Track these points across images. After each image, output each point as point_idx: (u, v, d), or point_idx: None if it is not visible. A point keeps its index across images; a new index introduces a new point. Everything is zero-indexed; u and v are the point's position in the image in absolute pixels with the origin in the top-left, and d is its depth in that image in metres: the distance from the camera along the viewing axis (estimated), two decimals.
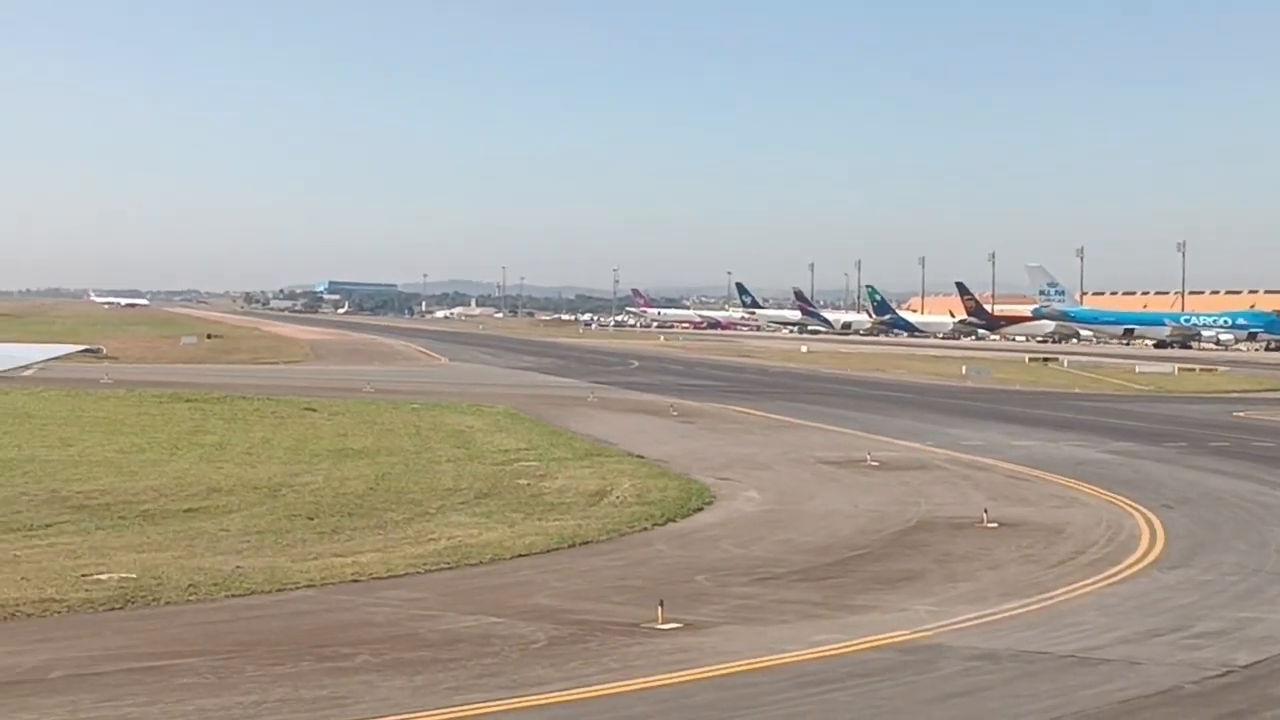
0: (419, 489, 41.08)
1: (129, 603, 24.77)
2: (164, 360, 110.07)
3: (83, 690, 18.52)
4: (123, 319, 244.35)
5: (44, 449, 47.78)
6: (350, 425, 57.59)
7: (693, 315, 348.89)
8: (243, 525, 34.56)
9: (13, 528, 33.95)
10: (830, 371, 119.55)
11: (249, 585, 26.44)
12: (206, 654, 20.73)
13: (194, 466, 44.75)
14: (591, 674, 19.84)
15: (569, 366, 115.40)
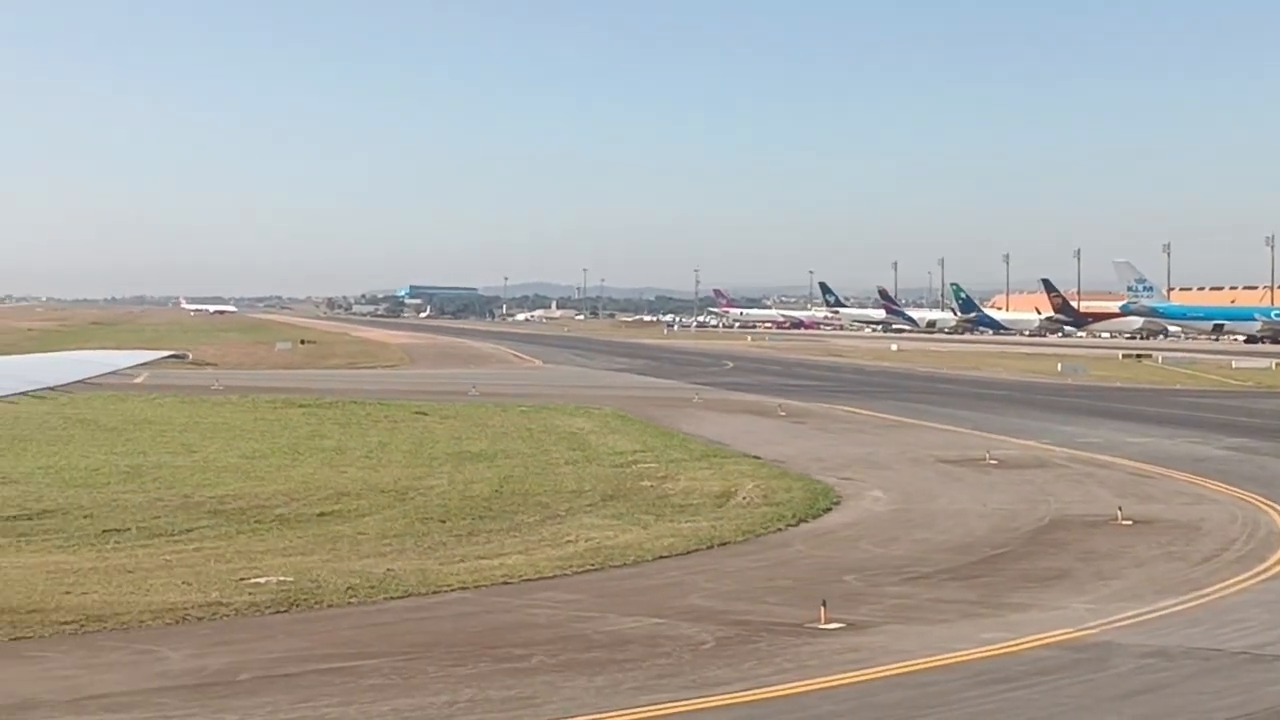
0: (544, 491, 41.32)
1: (293, 606, 25.15)
2: (261, 366, 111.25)
3: (276, 691, 18.84)
4: (212, 325, 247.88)
5: (169, 455, 48.50)
6: (463, 429, 58.02)
7: (775, 315, 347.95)
8: (378, 528, 34.92)
9: (156, 533, 34.55)
10: (926, 370, 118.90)
11: (405, 588, 26.76)
12: (384, 655, 21.03)
13: (318, 471, 45.26)
14: (768, 674, 19.93)
15: (664, 368, 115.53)
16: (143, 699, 18.45)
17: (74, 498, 39.41)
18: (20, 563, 30.12)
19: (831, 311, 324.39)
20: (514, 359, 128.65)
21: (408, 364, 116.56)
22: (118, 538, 33.95)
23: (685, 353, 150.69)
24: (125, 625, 23.38)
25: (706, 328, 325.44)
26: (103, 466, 45.23)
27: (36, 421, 57.05)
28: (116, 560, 30.42)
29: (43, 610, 24.27)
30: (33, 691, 18.85)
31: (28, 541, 33.11)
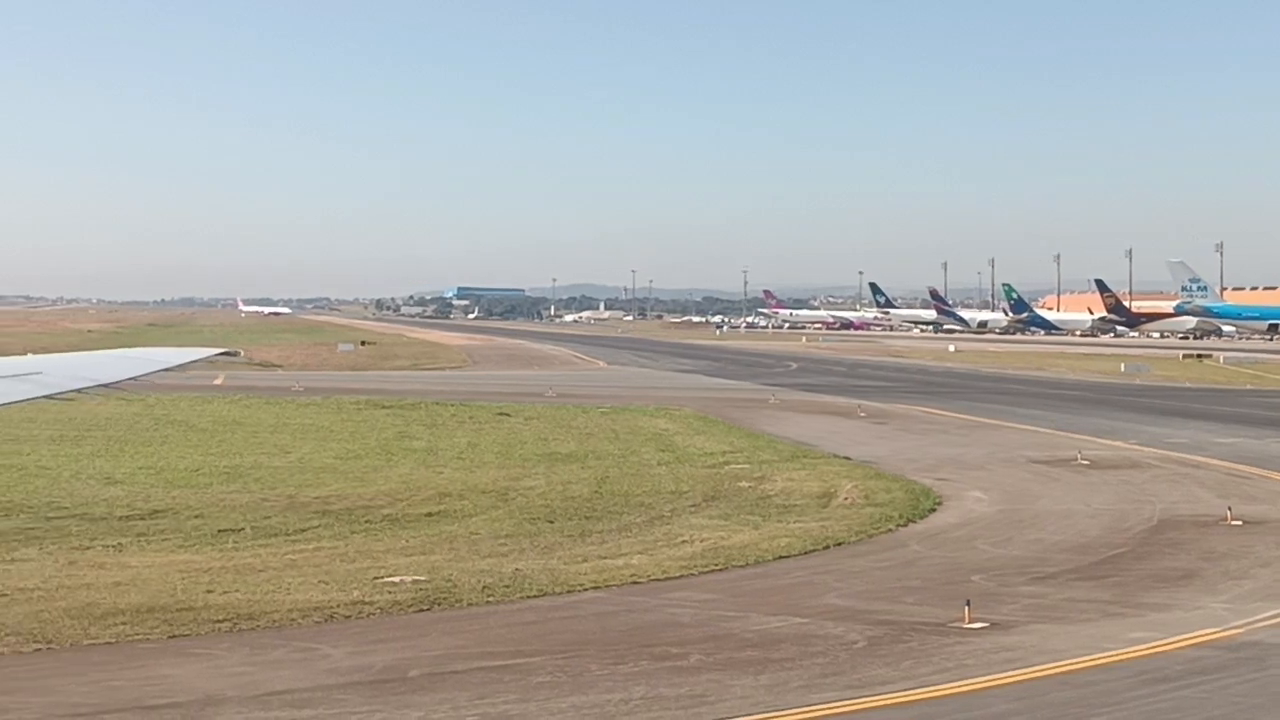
0: (643, 493, 41.55)
1: (435, 604, 25.46)
2: (327, 367, 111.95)
3: (449, 689, 19.13)
4: (268, 327, 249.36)
5: (264, 456, 49.01)
6: (548, 430, 58.34)
7: (825, 316, 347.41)
8: (488, 528, 35.25)
9: (271, 533, 34.99)
10: (991, 370, 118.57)
11: (539, 587, 27.02)
12: (542, 654, 21.30)
13: (415, 472, 45.65)
14: (928, 674, 20.09)
15: (730, 369, 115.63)
16: (323, 695, 18.76)
17: (180, 498, 39.92)
18: (148, 561, 30.60)
19: (882, 312, 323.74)
20: (577, 360, 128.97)
21: (471, 366, 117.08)
22: (234, 538, 34.42)
23: (745, 354, 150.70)
24: (277, 624, 23.72)
25: (756, 329, 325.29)
26: (202, 467, 45.77)
27: (128, 423, 57.85)
28: (241, 560, 30.83)
29: (192, 609, 24.66)
30: (213, 688, 19.20)
31: (148, 541, 33.61)
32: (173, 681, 19.67)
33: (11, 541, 33.18)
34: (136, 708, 18.18)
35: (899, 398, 79.22)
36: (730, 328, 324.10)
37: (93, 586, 27.15)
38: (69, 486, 41.36)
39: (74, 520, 36.29)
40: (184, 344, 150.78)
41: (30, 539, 33.62)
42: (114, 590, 26.69)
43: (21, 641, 22.19)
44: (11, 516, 36.69)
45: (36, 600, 25.60)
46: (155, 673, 20.23)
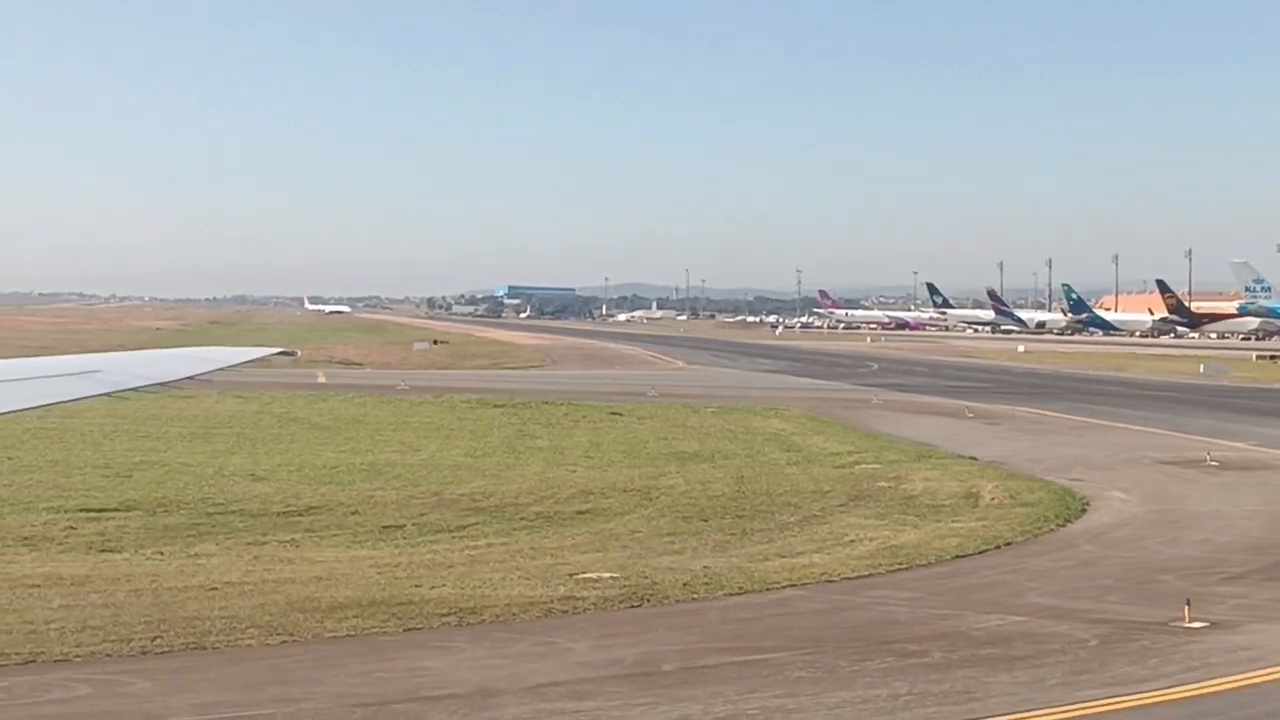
0: (784, 492, 41.82)
1: (644, 600, 25.79)
2: (408, 366, 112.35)
3: (711, 683, 19.47)
4: (331, 325, 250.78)
5: (394, 453, 49.50)
6: (664, 429, 58.68)
7: (880, 316, 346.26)
8: (645, 527, 35.63)
9: (436, 529, 35.49)
10: (1072, 371, 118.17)
11: (738, 584, 27.33)
12: (784, 649, 21.62)
13: (548, 470, 46.03)
14: (1178, 672, 20.32)
15: (812, 369, 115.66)
16: (593, 688, 19.14)
17: (329, 495, 40.43)
18: (331, 557, 31.13)
19: (939, 312, 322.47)
20: (656, 360, 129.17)
21: (551, 365, 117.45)
22: (399, 534, 34.93)
23: (819, 354, 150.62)
24: (500, 618, 24.12)
25: (811, 329, 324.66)
26: (340, 464, 46.30)
27: (251, 420, 58.55)
28: (422, 556, 31.28)
29: (411, 603, 25.10)
30: (480, 679, 19.60)
31: (319, 537, 34.15)
32: (437, 673, 20.08)
33: (184, 537, 33.78)
34: (417, 699, 18.58)
35: (995, 398, 79.13)
36: (785, 328, 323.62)
37: (295, 581, 27.62)
38: (216, 483, 41.92)
39: (234, 516, 36.85)
40: (251, 342, 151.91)
41: (201, 534, 34.21)
42: (319, 585, 27.17)
43: (265, 634, 22.67)
44: (173, 512, 37.25)
45: (250, 594, 26.07)
46: (413, 665, 20.64)
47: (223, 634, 22.60)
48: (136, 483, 41.49)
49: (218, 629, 22.84)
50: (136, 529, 34.74)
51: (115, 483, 41.45)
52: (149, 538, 33.59)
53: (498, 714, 17.84)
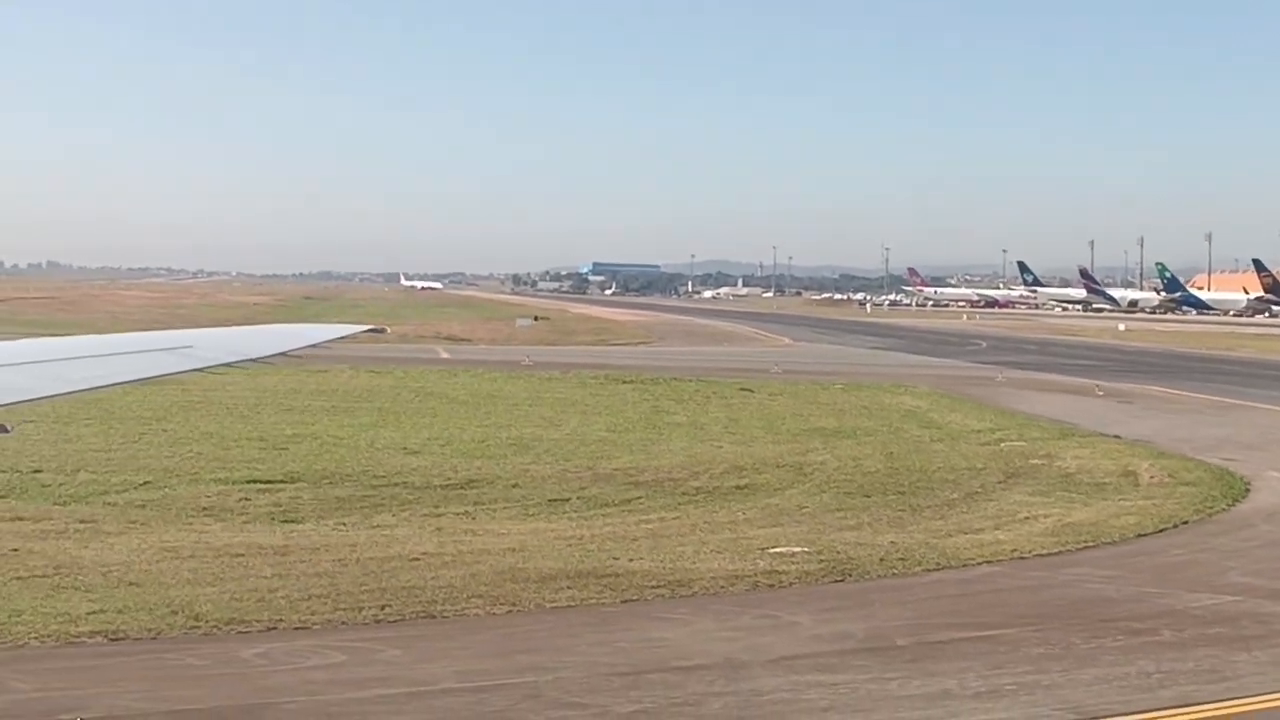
0: (937, 469, 41.76)
1: (846, 575, 25.91)
2: (514, 342, 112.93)
3: (953, 658, 19.56)
4: (424, 302, 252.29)
5: (537, 429, 49.81)
6: (797, 405, 58.71)
7: (970, 293, 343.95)
8: (810, 502, 35.80)
9: (601, 503, 35.81)
10: (1185, 350, 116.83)
11: (934, 560, 27.36)
12: (1011, 626, 21.71)
13: (692, 446, 46.19)
14: None
15: (919, 346, 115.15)
16: (838, 661, 19.29)
17: (485, 468, 40.77)
18: (512, 529, 31.55)
19: (1029, 290, 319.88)
20: (760, 337, 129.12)
21: (658, 341, 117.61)
22: (565, 507, 35.30)
23: (922, 331, 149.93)
24: (709, 591, 24.32)
25: (899, 306, 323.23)
26: (488, 439, 46.66)
27: (389, 395, 59.17)
28: (603, 529, 31.61)
29: (617, 574, 25.35)
30: (722, 651, 19.80)
31: (490, 509, 34.58)
32: (675, 644, 20.30)
33: (359, 508, 34.31)
34: (669, 669, 18.79)
35: (1118, 376, 78.38)
36: (874, 305, 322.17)
37: (490, 552, 27.95)
38: (371, 456, 42.42)
39: (399, 489, 37.30)
40: (350, 317, 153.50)
41: (373, 506, 34.73)
42: (515, 556, 27.49)
43: (488, 603, 23.01)
44: (338, 485, 37.75)
45: (453, 564, 26.42)
46: (646, 635, 20.89)
47: (448, 603, 22.95)
48: (294, 455, 42.05)
49: (441, 598, 23.20)
50: (309, 500, 35.31)
51: (273, 455, 42.01)
52: (325, 509, 34.14)
53: (755, 685, 18.02)
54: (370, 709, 17.04)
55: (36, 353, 13.33)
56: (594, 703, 17.17)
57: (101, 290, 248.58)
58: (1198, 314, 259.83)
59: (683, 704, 17.14)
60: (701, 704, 17.14)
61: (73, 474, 38.13)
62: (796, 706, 17.09)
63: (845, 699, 17.39)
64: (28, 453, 40.90)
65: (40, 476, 37.66)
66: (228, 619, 21.53)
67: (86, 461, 39.90)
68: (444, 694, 17.57)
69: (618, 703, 17.16)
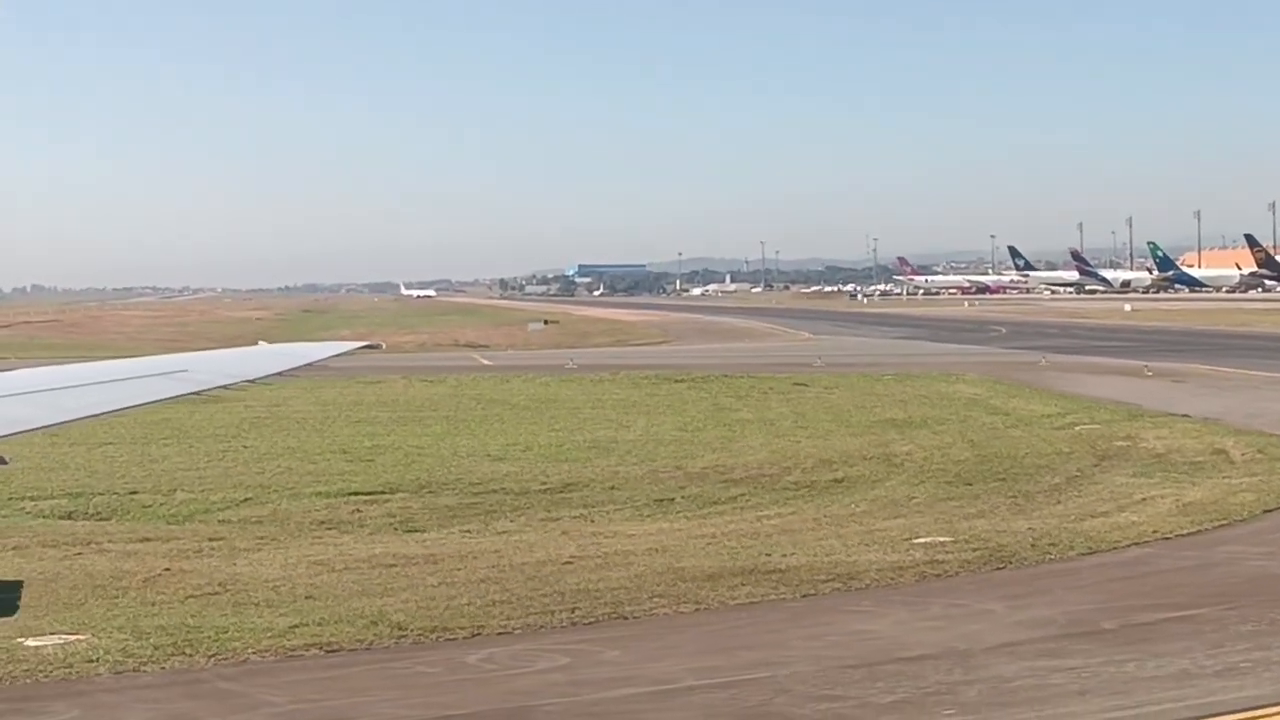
0: (1024, 454, 42.02)
1: (1007, 562, 26.10)
2: (534, 346, 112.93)
3: (1168, 639, 19.76)
4: (423, 310, 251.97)
5: (609, 430, 49.87)
6: (856, 398, 58.98)
7: (961, 281, 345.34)
8: (916, 492, 36.17)
9: (709, 501, 36.15)
10: (1203, 328, 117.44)
11: (1085, 545, 27.55)
12: (1201, 605, 21.90)
13: (771, 441, 46.34)
14: None
15: (939, 334, 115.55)
16: (1056, 645, 19.44)
17: (574, 471, 40.86)
18: (634, 530, 31.78)
19: (1020, 275, 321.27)
20: (778, 332, 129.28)
21: (677, 340, 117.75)
22: (672, 506, 35.55)
23: (933, 320, 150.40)
24: (881, 583, 24.47)
25: (890, 296, 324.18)
26: (563, 443, 46.76)
27: (451, 403, 59.26)
28: (722, 526, 31.81)
29: (781, 570, 25.49)
30: (939, 640, 19.97)
31: (600, 512, 34.78)
32: (885, 636, 20.46)
33: (473, 515, 34.48)
34: (897, 659, 18.95)
35: (1155, 356, 78.49)
36: (865, 296, 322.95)
37: (635, 553, 28.04)
38: (457, 464, 42.47)
39: (500, 495, 37.44)
40: (353, 329, 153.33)
41: (485, 512, 34.89)
42: (661, 556, 27.57)
43: (672, 603, 23.14)
44: (439, 493, 37.85)
45: (607, 566, 26.51)
46: (850, 628, 21.08)
47: (631, 604, 23.07)
48: (382, 466, 42.12)
49: (623, 599, 23.32)
50: (419, 509, 35.45)
51: (361, 467, 42.07)
52: (439, 518, 34.29)
53: (995, 672, 18.18)
54: (631, 708, 17.18)
55: (30, 383, 13.37)
56: (848, 694, 17.33)
57: (100, 312, 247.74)
58: (1190, 291, 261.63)
59: (937, 693, 17.31)
60: (956, 692, 17.31)
61: (170, 494, 38.15)
62: (1050, 691, 17.25)
63: (1092, 682, 17.56)
64: (118, 474, 41.04)
65: (139, 497, 37.71)
66: (430, 627, 21.64)
67: (179, 481, 39.89)
68: (693, 691, 17.69)
69: (871, 694, 17.32)
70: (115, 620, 22.65)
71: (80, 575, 26.73)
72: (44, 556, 28.87)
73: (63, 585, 25.74)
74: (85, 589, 25.44)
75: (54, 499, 37.12)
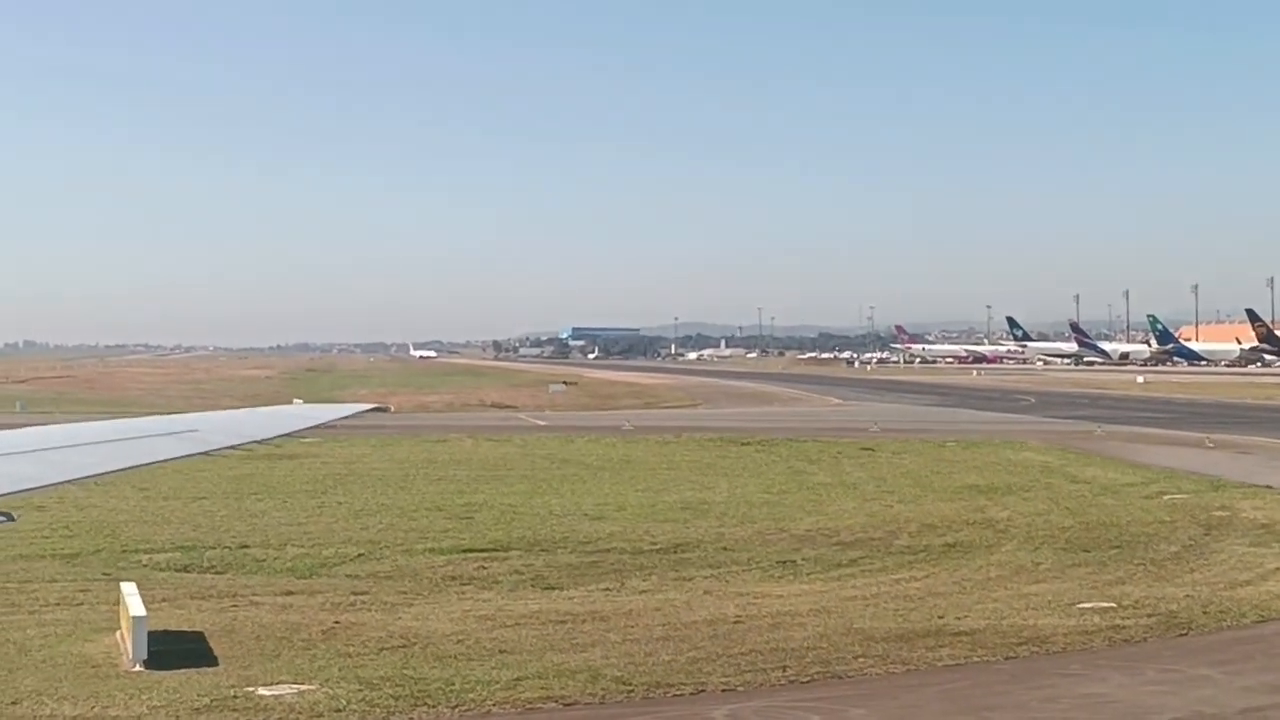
0: (1127, 522, 42.27)
1: (1188, 627, 26.22)
2: (562, 408, 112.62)
3: None
4: (427, 370, 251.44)
5: (695, 492, 49.94)
6: (926, 463, 59.20)
7: (959, 350, 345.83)
8: (1045, 559, 36.50)
9: (829, 563, 36.21)
10: (1231, 400, 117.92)
11: (1258, 613, 27.74)
12: None
13: (861, 505, 46.49)
14: None
15: (972, 402, 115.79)
16: None
17: (678, 532, 40.91)
18: (770, 591, 31.88)
19: (1019, 345, 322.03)
20: (803, 397, 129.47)
21: (706, 404, 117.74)
22: (796, 569, 35.58)
23: (956, 387, 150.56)
24: (1075, 647, 24.59)
25: (887, 363, 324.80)
26: (654, 503, 46.77)
27: (522, 462, 59.27)
28: (867, 590, 31.90)
29: (966, 633, 25.56)
30: (1182, 705, 20.01)
31: (727, 572, 34.83)
32: (1121, 700, 20.58)
33: (602, 574, 34.52)
34: None
35: (1200, 427, 78.84)
36: (861, 363, 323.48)
37: (795, 614, 28.15)
38: (559, 522, 42.51)
39: (614, 554, 37.47)
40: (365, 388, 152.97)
41: (613, 571, 34.93)
42: (828, 616, 27.65)
43: (881, 663, 23.18)
44: (551, 552, 37.84)
45: (779, 627, 26.57)
46: (1084, 690, 21.15)
47: (838, 663, 23.11)
48: (482, 524, 42.11)
49: (829, 659, 23.34)
50: (543, 566, 35.49)
51: (462, 524, 42.09)
52: (568, 575, 34.32)
53: None
54: None
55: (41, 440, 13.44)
56: None
57: (106, 369, 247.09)
58: (1189, 365, 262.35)
59: None
60: None
61: (280, 548, 38.10)
62: None
63: None
64: (222, 528, 40.98)
65: (250, 551, 37.65)
66: (651, 682, 21.66)
67: (285, 535, 39.87)
68: None
69: None
70: (326, 671, 22.59)
71: (252, 626, 26.66)
72: (201, 609, 28.78)
73: (243, 636, 25.68)
74: (268, 640, 25.37)
75: (166, 552, 37.06)
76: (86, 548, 37.25)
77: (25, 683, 21.58)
